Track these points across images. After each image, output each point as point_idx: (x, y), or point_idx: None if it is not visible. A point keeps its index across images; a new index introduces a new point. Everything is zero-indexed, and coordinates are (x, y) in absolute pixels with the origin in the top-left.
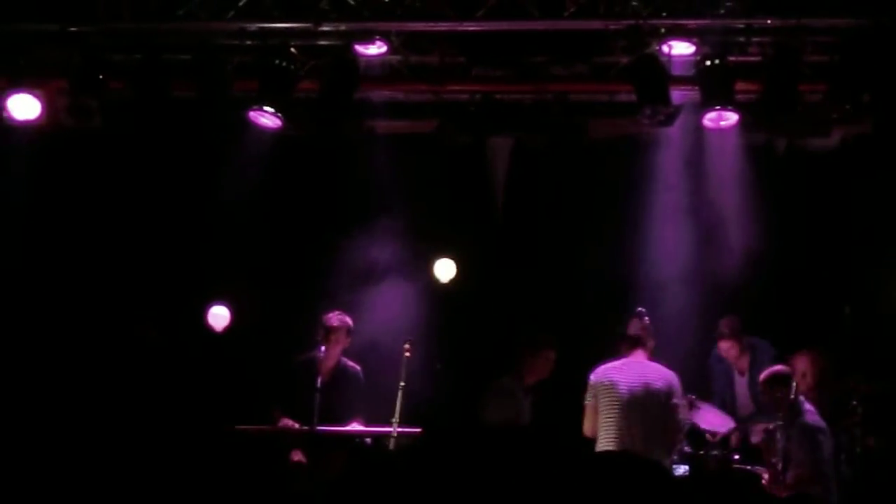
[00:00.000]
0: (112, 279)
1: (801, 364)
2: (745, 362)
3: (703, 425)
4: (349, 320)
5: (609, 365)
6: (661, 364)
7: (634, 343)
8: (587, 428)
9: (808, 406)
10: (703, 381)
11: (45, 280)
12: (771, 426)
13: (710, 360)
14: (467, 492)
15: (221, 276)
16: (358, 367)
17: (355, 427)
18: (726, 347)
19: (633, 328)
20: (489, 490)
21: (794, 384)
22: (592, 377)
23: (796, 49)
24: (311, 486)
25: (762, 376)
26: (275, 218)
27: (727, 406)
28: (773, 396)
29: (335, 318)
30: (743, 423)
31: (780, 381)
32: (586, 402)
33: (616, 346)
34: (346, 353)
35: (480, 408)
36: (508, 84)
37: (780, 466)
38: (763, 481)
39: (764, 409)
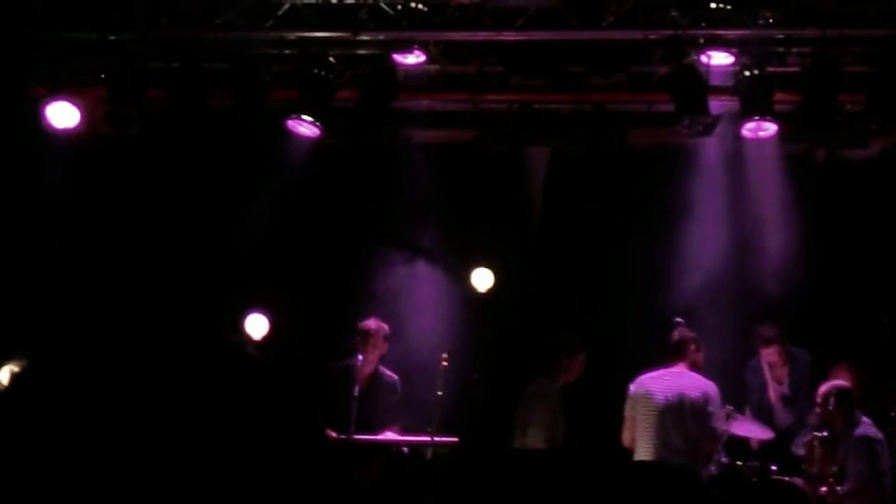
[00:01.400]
0: (150, 286)
1: (843, 377)
2: (784, 371)
3: (742, 433)
4: (386, 326)
5: (647, 375)
6: (702, 374)
7: (675, 354)
8: (625, 438)
9: (864, 418)
10: (739, 393)
11: (84, 286)
12: (821, 434)
13: (747, 373)
14: None
15: (259, 285)
16: (395, 377)
17: (392, 436)
18: (770, 353)
19: (675, 339)
20: None
21: (849, 397)
22: (631, 388)
23: (836, 59)
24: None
25: (823, 388)
26: (313, 226)
27: (764, 416)
28: (832, 409)
29: (372, 322)
30: (786, 434)
31: (843, 395)
32: (625, 413)
33: (658, 357)
34: (383, 361)
35: (523, 411)
36: (546, 93)
37: (836, 472)
38: (817, 491)
39: (808, 420)
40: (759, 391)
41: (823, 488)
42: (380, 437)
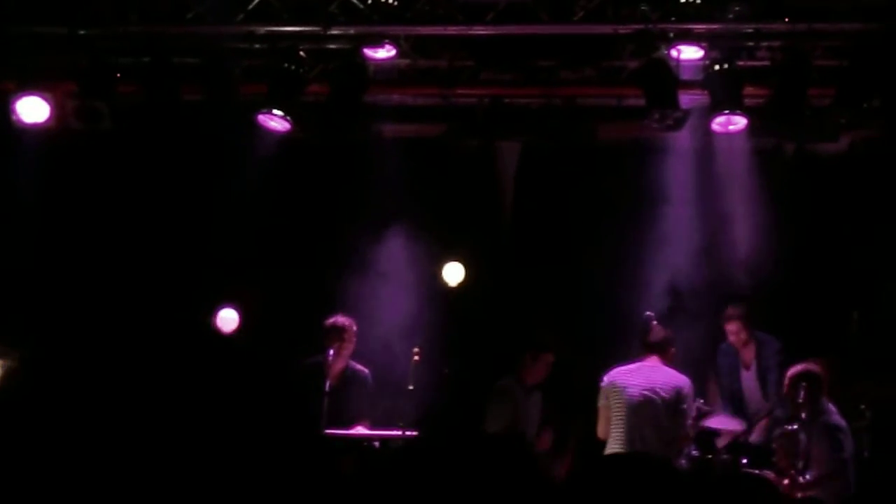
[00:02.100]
0: (120, 281)
1: None
2: (750, 353)
3: (714, 425)
4: (354, 322)
5: (621, 369)
6: (676, 369)
7: (652, 348)
8: (600, 430)
9: (830, 406)
10: (708, 388)
11: (54, 282)
12: (790, 427)
13: (718, 355)
14: (460, 496)
15: (229, 279)
16: (366, 371)
17: (363, 431)
18: (734, 330)
19: (655, 335)
20: (482, 496)
21: (818, 383)
22: (605, 380)
23: (805, 53)
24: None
25: (790, 371)
26: (283, 221)
27: (735, 400)
28: (797, 393)
29: (341, 319)
30: (753, 420)
31: (806, 378)
32: (599, 405)
33: (634, 351)
34: (355, 355)
35: (488, 407)
36: (517, 88)
37: (800, 466)
38: (781, 484)
39: (779, 405)
40: (730, 375)
41: (786, 481)
42: (351, 431)
